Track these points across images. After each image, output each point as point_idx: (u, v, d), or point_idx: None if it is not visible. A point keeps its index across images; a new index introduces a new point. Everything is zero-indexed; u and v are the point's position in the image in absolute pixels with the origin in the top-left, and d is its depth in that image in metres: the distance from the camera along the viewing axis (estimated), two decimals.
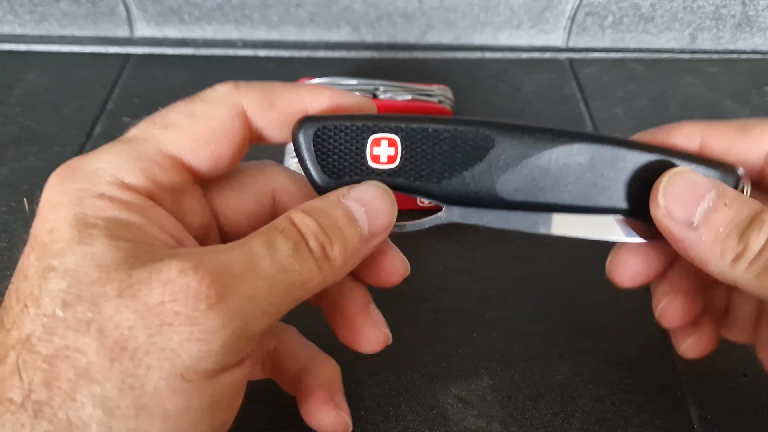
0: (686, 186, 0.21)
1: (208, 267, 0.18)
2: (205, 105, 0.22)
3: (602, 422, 0.31)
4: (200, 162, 0.22)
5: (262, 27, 0.53)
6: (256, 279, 0.19)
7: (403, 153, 0.23)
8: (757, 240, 0.20)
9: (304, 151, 0.23)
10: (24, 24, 0.53)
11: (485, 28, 0.53)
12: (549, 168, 0.23)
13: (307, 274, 0.20)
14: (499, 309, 0.35)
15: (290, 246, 0.20)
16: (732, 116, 0.48)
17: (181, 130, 0.21)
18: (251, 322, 0.19)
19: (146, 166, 0.21)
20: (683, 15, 0.52)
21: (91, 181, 0.20)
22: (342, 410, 0.25)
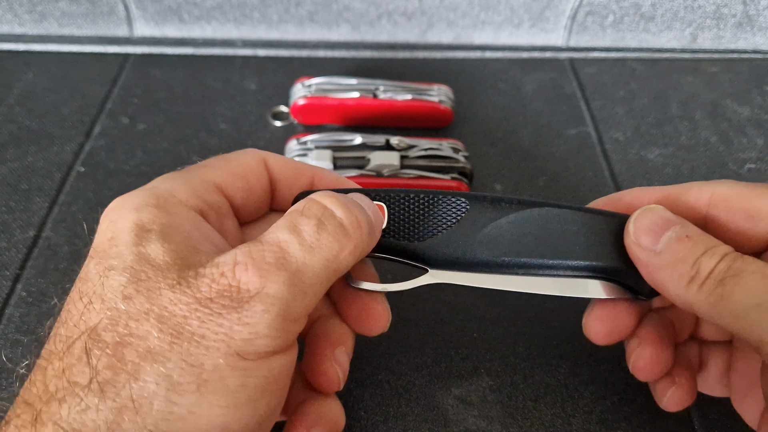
0: (654, 219, 0.24)
1: (244, 260, 0.20)
2: (236, 154, 0.26)
3: (603, 422, 0.30)
4: (236, 192, 0.26)
5: (262, 26, 0.53)
6: (289, 264, 0.21)
7: (390, 216, 0.25)
8: (706, 265, 0.22)
9: None
10: (23, 23, 0.53)
11: (486, 28, 0.53)
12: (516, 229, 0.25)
13: (336, 246, 0.22)
14: (499, 309, 0.35)
15: (313, 223, 0.22)
16: (732, 116, 0.48)
17: (218, 168, 0.26)
18: (292, 305, 0.20)
19: (195, 188, 0.24)
20: (684, 14, 0.52)
21: (147, 197, 0.23)
22: None
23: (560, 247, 0.25)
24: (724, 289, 0.22)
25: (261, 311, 0.20)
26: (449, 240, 0.25)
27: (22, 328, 0.34)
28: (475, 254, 0.25)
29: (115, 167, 0.43)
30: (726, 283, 0.22)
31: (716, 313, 0.22)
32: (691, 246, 0.23)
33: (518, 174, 0.43)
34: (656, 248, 0.23)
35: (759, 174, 0.44)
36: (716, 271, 0.22)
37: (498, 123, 0.47)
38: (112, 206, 0.23)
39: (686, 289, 0.23)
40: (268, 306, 0.20)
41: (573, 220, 0.25)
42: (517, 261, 0.25)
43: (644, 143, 0.46)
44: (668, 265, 0.23)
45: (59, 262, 0.37)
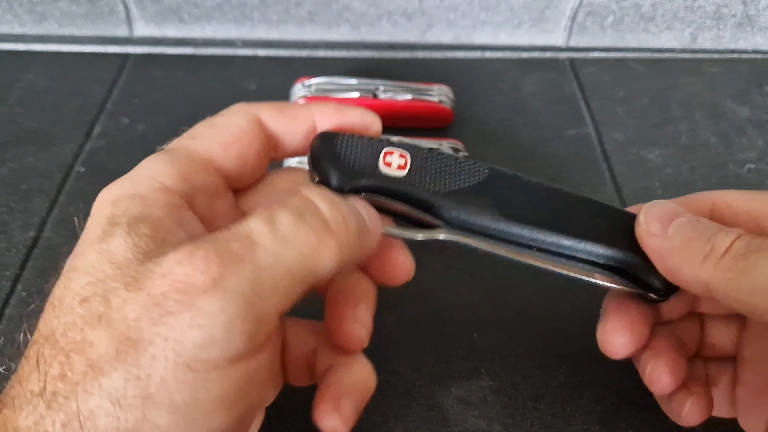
0: (665, 208, 0.24)
1: (204, 252, 0.18)
2: (224, 117, 0.24)
3: (603, 423, 0.30)
4: (228, 163, 0.24)
5: (262, 26, 0.53)
6: (256, 256, 0.18)
7: (411, 166, 0.25)
8: (722, 242, 0.22)
9: (322, 156, 0.25)
10: (23, 23, 0.53)
11: (486, 28, 0.53)
12: (534, 202, 0.25)
13: (315, 240, 0.19)
14: (499, 309, 0.35)
15: (292, 215, 0.20)
16: (732, 116, 0.48)
17: (207, 138, 0.24)
18: (257, 303, 0.18)
19: (181, 169, 0.22)
20: (684, 14, 0.52)
21: (129, 185, 0.21)
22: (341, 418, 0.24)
23: (577, 228, 0.25)
24: (747, 262, 0.21)
25: (216, 310, 0.17)
26: (467, 197, 0.25)
27: (22, 328, 0.34)
28: (490, 216, 0.25)
29: (115, 167, 0.43)
30: (748, 257, 0.21)
31: (735, 288, 0.21)
32: (704, 227, 0.23)
33: None
34: (668, 233, 0.23)
35: (759, 174, 0.44)
36: (735, 246, 0.21)
37: (498, 123, 0.47)
38: (97, 198, 0.22)
39: (701, 267, 0.22)
40: (224, 303, 0.17)
41: (590, 206, 0.25)
42: (532, 232, 0.25)
43: (644, 143, 0.46)
44: (681, 246, 0.23)
45: (59, 262, 0.37)
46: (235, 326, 0.18)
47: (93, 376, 0.17)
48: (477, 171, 0.25)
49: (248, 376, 0.19)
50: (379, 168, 0.25)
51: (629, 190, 0.42)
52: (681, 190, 0.43)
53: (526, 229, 0.25)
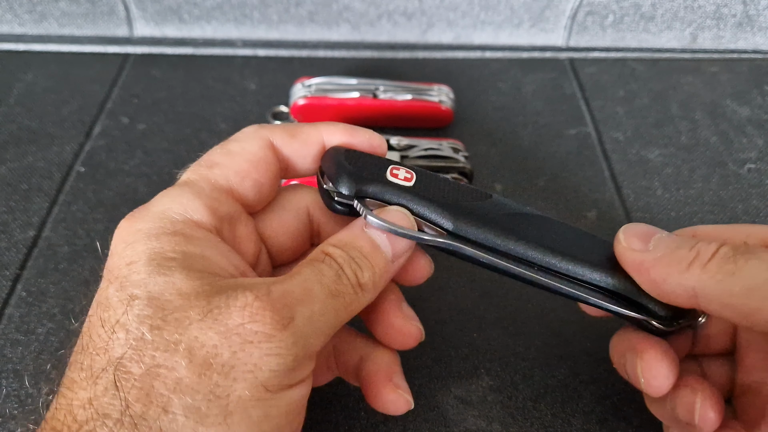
0: (642, 227, 0.25)
1: (277, 293, 0.21)
2: (239, 143, 0.25)
3: (603, 423, 0.30)
4: (246, 191, 0.25)
5: (262, 26, 0.53)
6: (313, 303, 0.21)
7: (417, 180, 0.26)
8: (707, 249, 0.22)
9: (333, 164, 0.25)
10: (23, 23, 0.53)
11: (486, 28, 0.53)
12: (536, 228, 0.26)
13: (348, 298, 0.23)
14: (499, 309, 0.35)
15: (333, 273, 0.23)
16: (732, 116, 0.48)
17: (225, 167, 0.25)
18: (312, 342, 0.21)
19: (207, 202, 0.23)
20: (684, 14, 0.52)
21: (163, 221, 0.22)
22: (401, 389, 0.27)
23: (580, 254, 0.25)
24: (736, 264, 0.21)
25: (291, 343, 0.20)
26: (470, 212, 0.25)
27: (22, 328, 0.34)
28: (493, 232, 0.25)
29: (115, 167, 0.43)
30: (737, 259, 0.21)
31: (726, 291, 0.21)
32: (685, 239, 0.23)
33: (518, 174, 0.43)
34: (648, 246, 0.24)
35: (759, 174, 0.44)
36: (721, 251, 0.22)
37: (498, 123, 0.47)
38: (126, 227, 0.22)
39: (687, 273, 0.22)
40: (297, 339, 0.20)
41: (585, 236, 0.26)
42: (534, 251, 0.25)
43: (644, 143, 0.46)
44: (664, 256, 0.23)
45: (59, 262, 0.37)
46: (300, 358, 0.21)
47: (176, 398, 0.19)
48: (478, 193, 0.26)
49: (301, 398, 0.22)
50: (386, 177, 0.25)
51: (629, 190, 0.42)
52: (681, 190, 0.43)
53: (529, 246, 0.25)
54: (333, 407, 0.31)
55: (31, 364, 0.32)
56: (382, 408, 0.27)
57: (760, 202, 0.42)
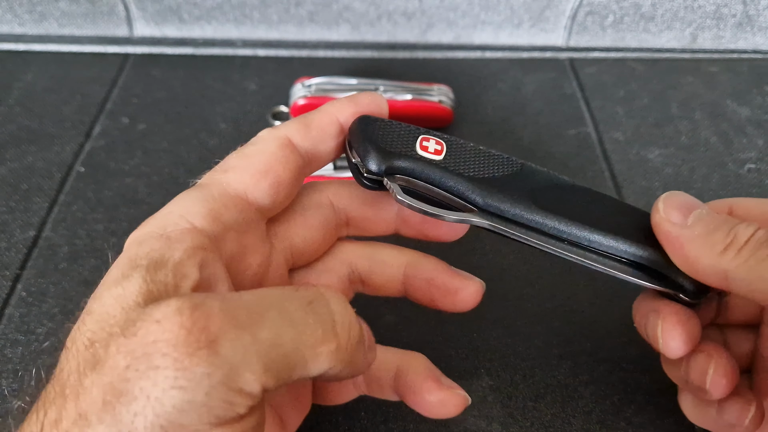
0: (684, 197, 0.24)
1: (208, 309, 0.17)
2: (255, 146, 0.24)
3: (603, 423, 0.30)
4: (263, 194, 0.23)
5: (262, 26, 0.53)
6: (260, 329, 0.18)
7: (447, 152, 0.25)
8: (744, 232, 0.22)
9: (361, 137, 0.25)
10: (23, 23, 0.53)
11: (485, 27, 0.53)
12: (567, 198, 0.25)
13: (320, 334, 0.19)
14: (499, 309, 0.35)
15: (306, 298, 0.19)
16: (732, 116, 0.48)
17: (240, 170, 0.23)
18: (245, 377, 0.17)
19: (213, 207, 0.22)
20: (684, 14, 0.52)
21: (159, 224, 0.21)
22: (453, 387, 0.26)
23: (607, 225, 0.25)
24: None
25: (201, 374, 0.16)
26: (502, 185, 0.25)
27: (22, 328, 0.34)
28: (524, 205, 0.25)
29: (115, 167, 0.43)
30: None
31: (756, 277, 0.21)
32: (724, 218, 0.23)
33: None
34: (687, 222, 0.23)
35: (759, 174, 0.44)
36: (756, 235, 0.21)
37: (498, 123, 0.47)
38: (129, 237, 0.21)
39: (721, 256, 0.22)
40: (212, 369, 0.16)
41: (618, 205, 0.26)
42: (565, 224, 0.25)
43: (644, 143, 0.46)
44: (701, 235, 0.22)
45: (59, 262, 0.37)
46: (217, 393, 0.17)
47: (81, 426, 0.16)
48: (510, 163, 0.26)
49: None
50: (416, 150, 0.25)
51: (629, 190, 0.42)
52: (681, 190, 0.42)
53: (559, 220, 0.25)
54: (333, 408, 0.31)
55: (31, 364, 0.32)
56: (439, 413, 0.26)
57: None
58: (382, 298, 0.33)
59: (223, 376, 0.17)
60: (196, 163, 0.43)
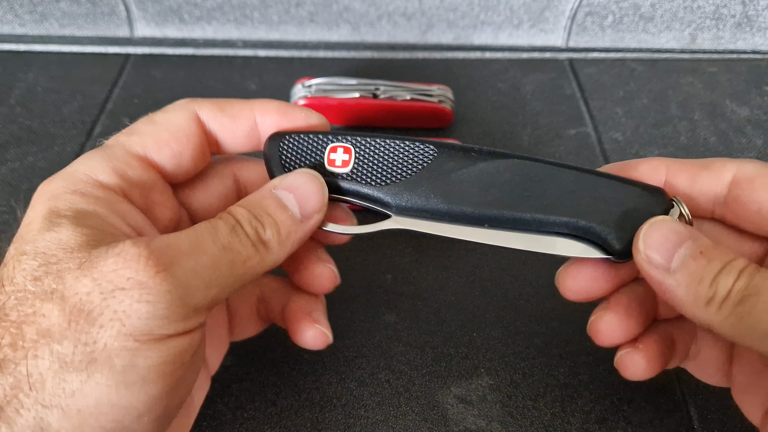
0: (665, 234, 0.23)
1: (158, 243, 0.21)
2: (164, 113, 0.26)
3: (602, 422, 0.31)
4: (164, 160, 0.25)
5: (262, 27, 0.53)
6: (200, 255, 0.21)
7: (355, 159, 0.25)
8: (724, 284, 0.21)
9: (271, 158, 0.26)
10: (24, 24, 0.53)
11: (485, 28, 0.53)
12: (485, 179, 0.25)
13: (245, 253, 0.22)
14: (499, 309, 0.35)
15: (228, 228, 0.22)
16: (731, 116, 0.48)
17: (144, 135, 0.25)
18: (195, 294, 0.21)
19: (116, 166, 0.24)
20: (683, 15, 0.52)
21: (67, 181, 0.23)
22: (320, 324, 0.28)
23: (531, 201, 0.24)
24: (744, 307, 0.21)
25: (164, 290, 0.20)
26: (413, 186, 0.25)
27: None
28: (438, 202, 0.25)
29: None
30: (745, 301, 0.21)
31: (738, 334, 0.21)
32: (707, 263, 0.22)
33: None
34: (671, 266, 0.22)
35: None
36: (735, 289, 0.21)
37: (498, 123, 0.47)
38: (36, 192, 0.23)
39: (705, 310, 0.22)
40: (171, 287, 0.20)
41: (547, 174, 0.25)
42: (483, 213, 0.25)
43: (643, 143, 0.46)
44: (685, 286, 0.22)
45: None
46: (175, 307, 0.20)
47: (44, 343, 0.19)
48: (423, 154, 0.25)
49: (180, 351, 0.21)
50: (324, 166, 0.25)
51: None
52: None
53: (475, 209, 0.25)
54: (333, 407, 0.31)
55: None
56: (302, 343, 0.28)
57: None
58: (382, 298, 0.33)
59: (181, 293, 0.20)
60: None
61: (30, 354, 0.19)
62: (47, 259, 0.20)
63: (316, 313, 0.29)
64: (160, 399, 0.21)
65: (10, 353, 0.19)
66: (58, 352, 0.19)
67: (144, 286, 0.20)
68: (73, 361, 0.19)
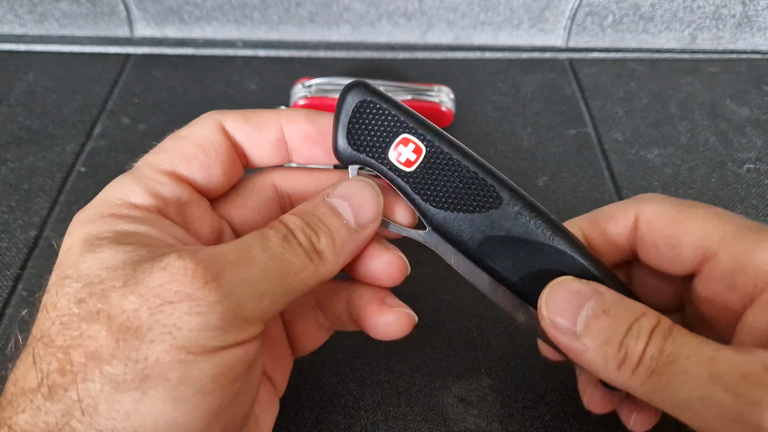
0: (565, 296, 0.22)
1: (204, 255, 0.20)
2: (189, 128, 0.25)
3: (602, 423, 0.31)
4: (194, 173, 0.25)
5: (263, 27, 0.53)
6: (250, 266, 0.21)
7: (421, 165, 0.24)
8: (634, 348, 0.20)
9: (342, 113, 0.24)
10: (24, 24, 0.53)
11: (485, 28, 0.53)
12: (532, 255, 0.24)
13: (298, 263, 0.22)
14: (499, 309, 0.35)
15: (280, 237, 0.22)
16: (731, 116, 0.48)
17: (171, 151, 0.24)
18: (246, 304, 0.20)
19: (147, 185, 0.23)
20: (683, 15, 0.52)
21: (101, 206, 0.23)
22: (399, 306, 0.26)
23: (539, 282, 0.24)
24: (660, 379, 0.20)
25: (214, 301, 0.19)
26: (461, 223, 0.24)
27: (23, 328, 0.34)
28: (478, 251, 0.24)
29: (115, 167, 0.43)
30: (662, 372, 0.20)
31: (657, 401, 0.20)
32: (612, 324, 0.21)
33: (518, 174, 0.43)
34: (576, 330, 0.22)
35: (758, 174, 0.44)
36: (647, 356, 0.20)
37: (498, 123, 0.47)
38: (73, 220, 0.23)
39: (618, 373, 0.21)
40: (221, 297, 0.19)
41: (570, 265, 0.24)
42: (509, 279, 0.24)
43: (644, 143, 0.46)
44: (593, 349, 0.21)
45: None
46: (227, 318, 0.20)
47: (93, 365, 0.18)
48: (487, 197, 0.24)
49: (235, 363, 0.20)
50: (387, 154, 0.24)
51: (628, 190, 0.43)
52: (680, 190, 0.43)
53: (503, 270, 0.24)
54: (333, 407, 0.31)
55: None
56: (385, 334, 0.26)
57: (760, 202, 0.42)
58: None
59: (231, 303, 0.20)
60: None
61: (79, 378, 0.18)
62: (90, 280, 0.20)
63: (389, 299, 0.26)
64: (219, 413, 0.20)
65: (59, 379, 0.18)
66: (109, 373, 0.18)
67: (193, 298, 0.19)
68: (125, 380, 0.18)
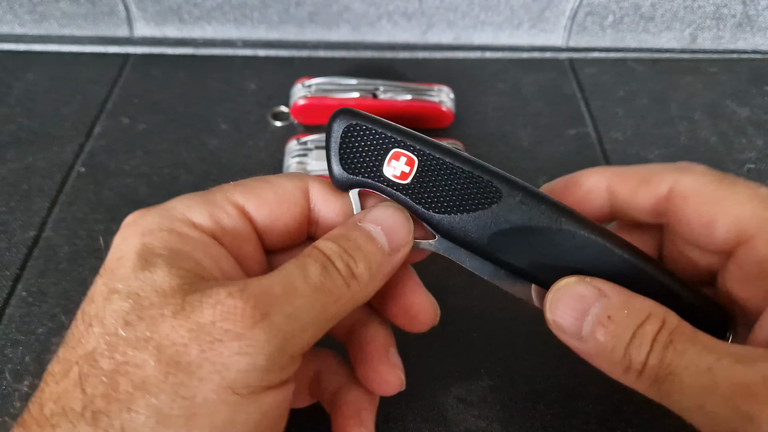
0: (570, 301, 0.23)
1: (252, 290, 0.20)
2: (278, 177, 0.25)
3: (602, 423, 0.31)
4: (261, 217, 0.24)
5: (262, 26, 0.53)
6: (295, 298, 0.20)
7: (416, 175, 0.24)
8: (638, 355, 0.21)
9: (331, 141, 0.24)
10: (23, 24, 0.53)
11: (485, 28, 0.53)
12: (543, 242, 0.24)
13: (337, 292, 0.22)
14: (499, 309, 0.35)
15: (319, 266, 0.22)
16: (732, 116, 0.48)
17: (250, 188, 0.24)
18: (292, 339, 0.20)
19: (213, 210, 0.23)
20: (683, 15, 0.52)
21: (163, 217, 0.22)
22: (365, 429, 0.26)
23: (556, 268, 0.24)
24: (661, 388, 0.21)
25: (263, 341, 0.19)
26: (466, 223, 0.24)
27: (23, 328, 0.34)
28: (488, 247, 0.24)
29: (115, 167, 0.43)
30: (662, 381, 0.20)
31: (664, 404, 0.21)
32: (615, 330, 0.21)
33: (518, 174, 0.43)
34: (581, 335, 0.22)
35: (759, 174, 0.44)
36: (648, 366, 0.21)
37: (498, 123, 0.47)
38: (128, 221, 0.23)
39: (625, 377, 0.21)
40: (270, 336, 0.19)
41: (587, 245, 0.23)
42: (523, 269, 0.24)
43: (644, 143, 0.46)
44: (599, 354, 0.22)
45: (59, 263, 0.37)
46: (275, 358, 0.20)
47: (140, 395, 0.18)
48: (487, 192, 0.24)
49: (278, 404, 0.21)
50: (381, 170, 0.24)
51: None
52: None
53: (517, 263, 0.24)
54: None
55: (31, 364, 0.32)
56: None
57: None
58: None
59: (280, 342, 0.20)
60: (196, 163, 0.43)
61: (124, 407, 0.18)
62: (140, 302, 0.20)
63: (364, 413, 0.27)
64: None
65: (103, 405, 0.18)
66: (155, 406, 0.18)
67: (243, 338, 0.19)
68: (171, 416, 0.18)
